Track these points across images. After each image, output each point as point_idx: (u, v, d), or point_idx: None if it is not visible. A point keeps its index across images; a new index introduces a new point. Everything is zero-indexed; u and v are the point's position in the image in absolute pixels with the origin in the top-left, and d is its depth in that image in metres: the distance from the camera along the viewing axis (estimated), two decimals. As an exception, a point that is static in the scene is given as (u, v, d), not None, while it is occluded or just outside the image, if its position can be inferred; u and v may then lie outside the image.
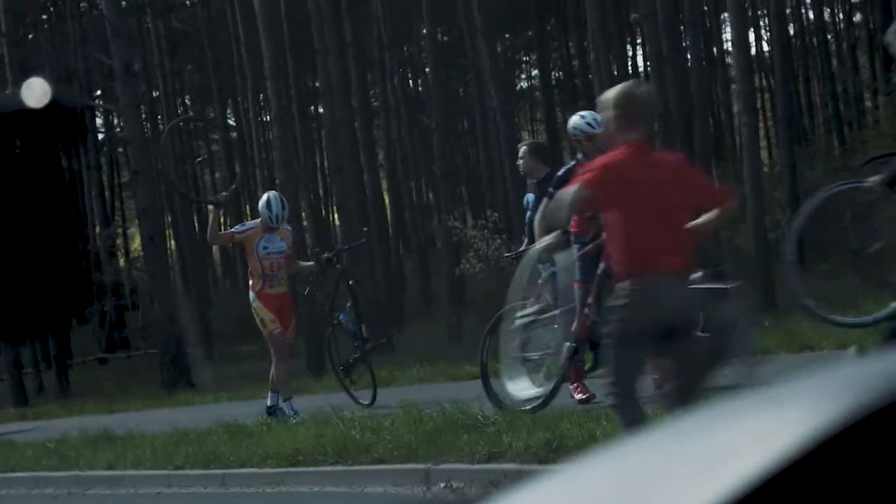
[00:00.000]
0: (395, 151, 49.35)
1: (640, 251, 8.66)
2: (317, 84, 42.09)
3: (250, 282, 16.81)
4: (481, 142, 43.01)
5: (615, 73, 36.68)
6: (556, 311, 13.32)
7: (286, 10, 36.36)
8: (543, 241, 11.96)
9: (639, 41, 53.25)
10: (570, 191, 8.80)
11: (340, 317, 17.85)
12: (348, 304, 17.75)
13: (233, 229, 17.34)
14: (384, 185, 50.30)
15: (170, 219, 46.77)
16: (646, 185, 8.60)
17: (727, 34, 51.35)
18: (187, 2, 54.00)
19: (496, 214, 35.62)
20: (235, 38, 40.44)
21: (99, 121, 52.63)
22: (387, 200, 46.58)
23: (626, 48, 51.13)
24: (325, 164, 54.06)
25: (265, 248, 16.39)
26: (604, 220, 9.69)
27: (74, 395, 36.04)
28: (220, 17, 48.61)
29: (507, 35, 56.02)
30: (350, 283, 17.84)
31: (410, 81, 55.20)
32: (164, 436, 16.79)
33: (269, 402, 16.71)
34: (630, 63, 51.87)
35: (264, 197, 16.95)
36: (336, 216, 48.04)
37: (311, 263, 18.15)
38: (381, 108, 48.01)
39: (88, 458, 16.76)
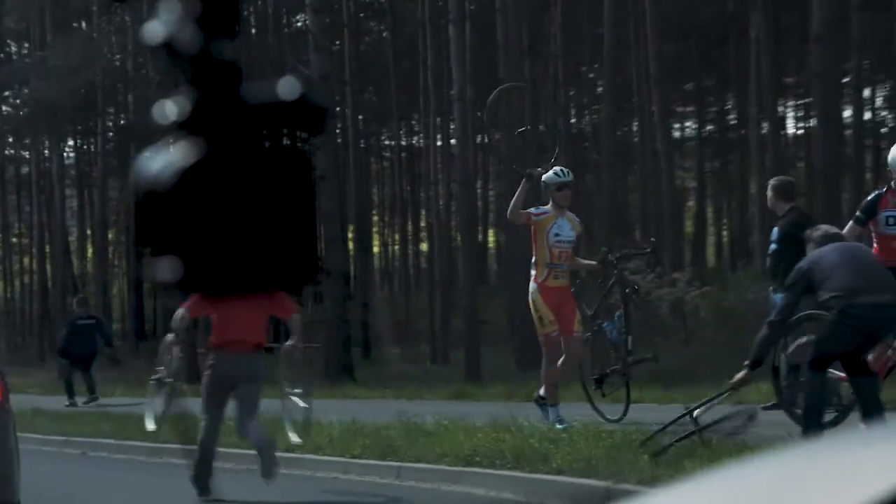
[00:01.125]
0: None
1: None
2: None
3: (533, 272, 15.04)
4: (639, 180, 42.60)
5: (769, 128, 36.26)
6: None
7: (472, 43, 36.29)
8: None
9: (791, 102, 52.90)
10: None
11: (604, 325, 16.01)
12: (617, 314, 15.92)
13: (529, 210, 15.11)
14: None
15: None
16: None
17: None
18: (382, 28, 54.23)
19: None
20: (424, 62, 40.34)
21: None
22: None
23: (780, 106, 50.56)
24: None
25: (556, 234, 14.75)
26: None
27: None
28: (407, 42, 48.57)
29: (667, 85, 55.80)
30: (626, 290, 15.96)
31: (574, 118, 54.91)
32: (342, 425, 16.56)
33: (541, 392, 15.04)
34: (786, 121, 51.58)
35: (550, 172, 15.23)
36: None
37: (593, 262, 16.43)
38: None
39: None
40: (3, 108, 52.84)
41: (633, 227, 46.64)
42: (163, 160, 0.94)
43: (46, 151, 50.49)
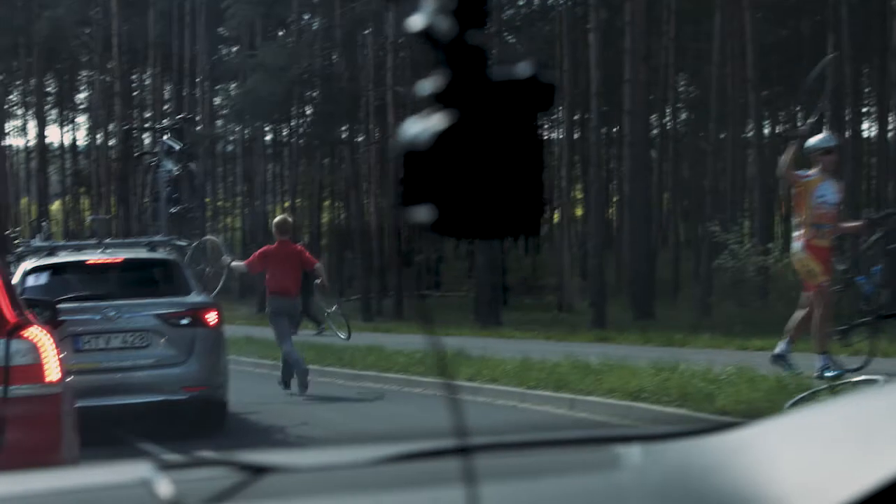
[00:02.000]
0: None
1: None
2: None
3: (796, 232, 13.47)
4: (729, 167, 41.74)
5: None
6: None
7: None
8: None
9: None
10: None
11: (858, 278, 14.53)
12: (874, 268, 14.51)
13: (797, 172, 13.53)
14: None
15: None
16: None
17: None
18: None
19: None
20: (561, 66, 40.08)
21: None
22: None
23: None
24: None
25: (821, 196, 13.11)
26: None
27: (407, 319, 36.64)
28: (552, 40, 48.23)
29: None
30: (890, 247, 14.46)
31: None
32: (515, 361, 15.94)
33: (778, 350, 13.14)
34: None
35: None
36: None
37: (858, 223, 14.93)
38: (659, 133, 47.13)
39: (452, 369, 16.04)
40: (220, 98, 54.04)
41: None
42: (421, 126, 0.99)
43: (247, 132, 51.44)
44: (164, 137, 19.95)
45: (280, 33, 48.74)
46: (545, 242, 44.70)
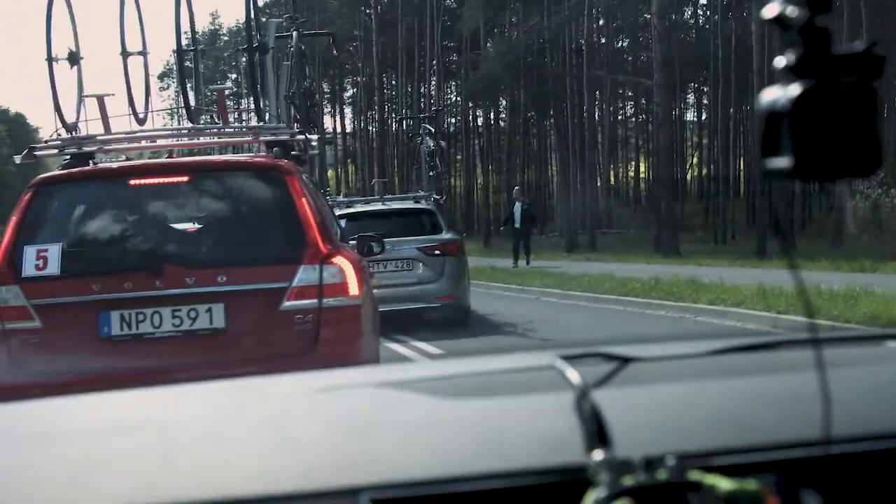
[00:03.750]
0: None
1: None
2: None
3: None
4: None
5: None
6: None
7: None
8: None
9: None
10: None
11: None
12: None
13: None
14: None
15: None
16: None
17: None
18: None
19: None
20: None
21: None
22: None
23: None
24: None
25: None
26: None
27: (599, 250, 35.93)
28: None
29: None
30: None
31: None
32: (750, 287, 13.20)
33: None
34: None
35: None
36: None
37: None
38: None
39: (691, 294, 13.85)
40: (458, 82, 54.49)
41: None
42: (780, 93, 0.98)
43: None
44: (425, 123, 21.86)
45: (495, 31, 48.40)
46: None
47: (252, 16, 7.93)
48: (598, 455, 0.96)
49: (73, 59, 6.95)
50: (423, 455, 1.04)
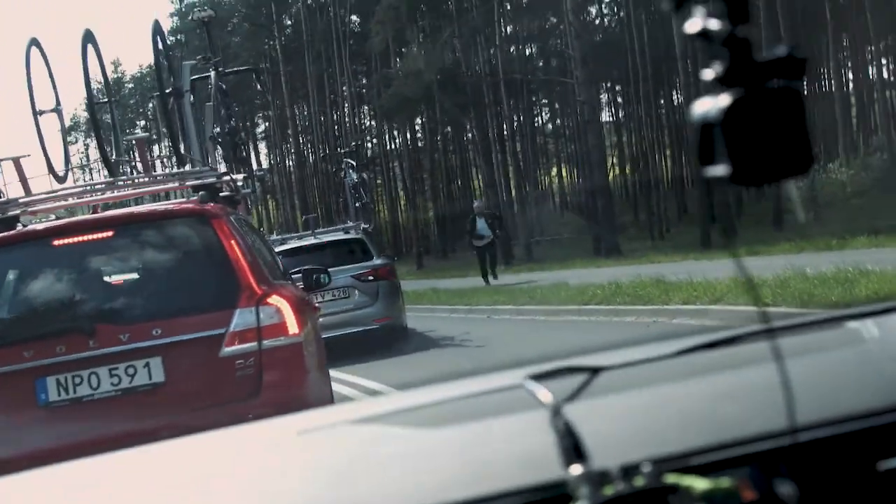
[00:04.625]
0: None
1: None
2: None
3: None
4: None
5: None
6: None
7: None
8: None
9: None
10: None
11: None
12: None
13: None
14: None
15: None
16: None
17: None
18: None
19: None
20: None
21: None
22: None
23: None
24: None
25: None
26: None
27: (537, 259, 35.63)
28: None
29: None
30: None
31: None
32: (722, 281, 12.12)
33: None
34: None
35: None
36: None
37: None
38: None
39: (660, 296, 12.87)
40: (370, 105, 54.45)
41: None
42: (710, 104, 1.05)
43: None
44: (346, 158, 23.23)
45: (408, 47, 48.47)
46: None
47: (162, 60, 7.90)
48: (576, 469, 1.00)
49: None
50: (411, 488, 1.07)
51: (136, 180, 6.98)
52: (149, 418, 5.48)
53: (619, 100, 53.84)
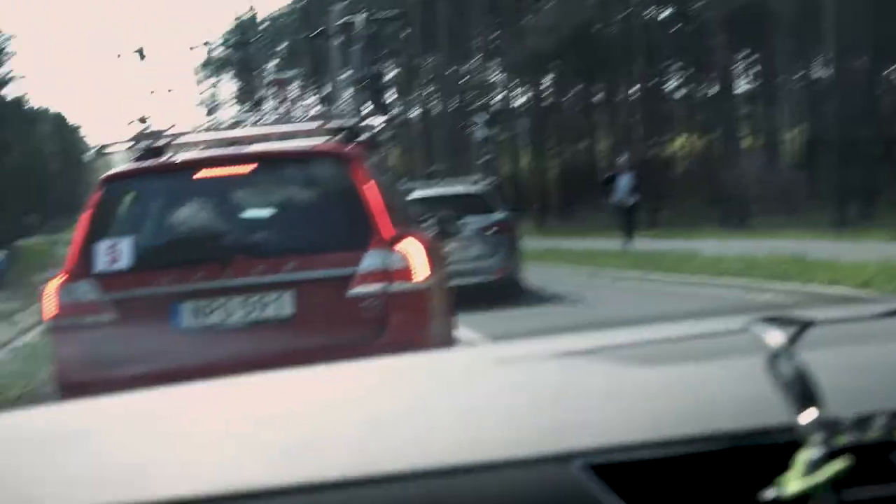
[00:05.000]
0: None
1: None
2: None
3: None
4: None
5: None
6: None
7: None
8: None
9: None
10: None
11: None
12: None
13: None
14: None
15: None
16: None
17: None
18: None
19: None
20: None
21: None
22: None
23: None
24: None
25: None
26: None
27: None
28: None
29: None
30: None
31: None
32: (867, 264, 11.63)
33: None
34: None
35: None
36: None
37: None
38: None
39: (800, 274, 12.39)
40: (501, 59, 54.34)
41: None
42: None
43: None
44: (474, 113, 23.80)
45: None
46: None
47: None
48: (808, 415, 0.96)
49: (141, 54, 7.13)
50: (626, 420, 1.02)
51: (279, 119, 7.17)
52: (274, 350, 5.66)
53: (758, 69, 52.56)
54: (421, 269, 5.92)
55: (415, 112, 62.52)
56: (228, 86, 71.20)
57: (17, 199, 65.91)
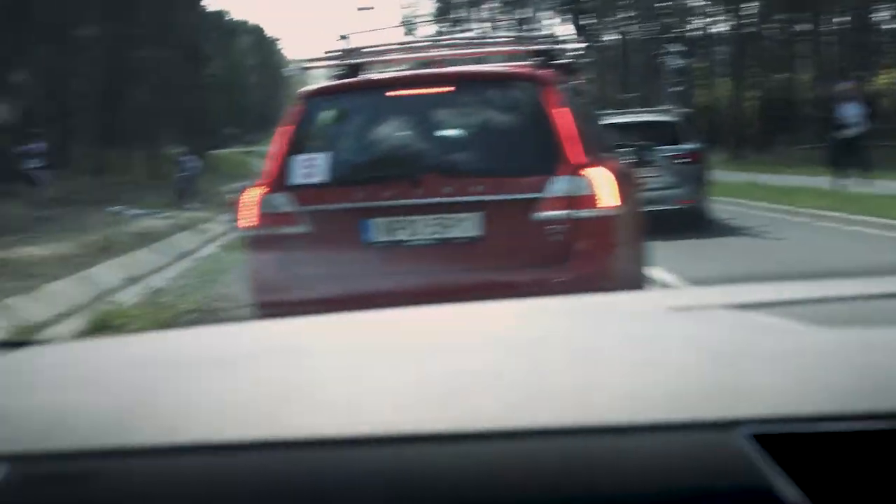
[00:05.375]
0: None
1: None
2: None
3: None
4: None
5: None
6: None
7: None
8: None
9: None
10: None
11: None
12: None
13: None
14: None
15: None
16: None
17: None
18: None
19: None
20: None
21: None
22: None
23: None
24: None
25: None
26: None
27: None
28: None
29: None
30: None
31: None
32: None
33: None
34: None
35: None
36: None
37: None
38: None
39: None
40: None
41: None
42: None
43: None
44: (669, 43, 23.57)
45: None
46: None
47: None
48: None
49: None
50: (800, 389, 0.95)
51: (477, 40, 7.23)
52: (462, 270, 5.77)
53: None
54: (608, 196, 5.91)
55: (610, 37, 61.44)
56: (428, 4, 71.66)
57: (217, 111, 68.33)
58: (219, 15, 72.92)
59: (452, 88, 6.14)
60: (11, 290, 10.58)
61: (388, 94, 6.19)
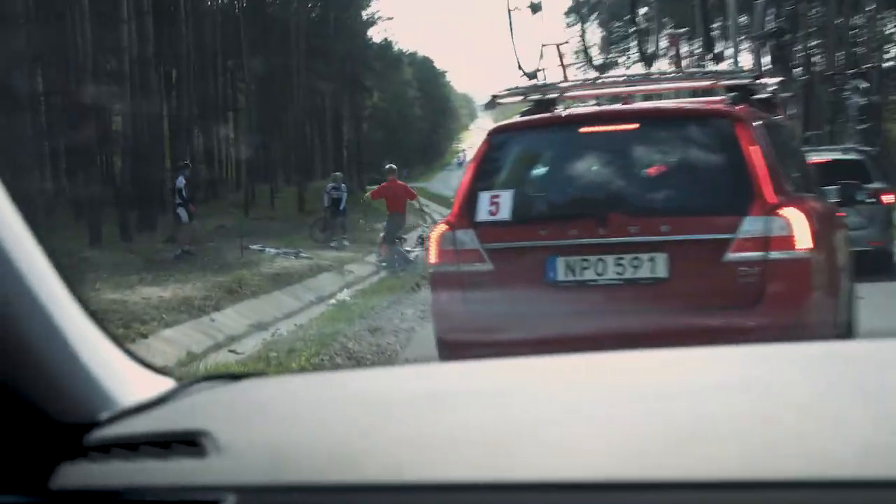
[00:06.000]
0: None
1: None
2: None
3: None
4: None
5: None
6: None
7: None
8: None
9: None
10: None
11: None
12: None
13: None
14: None
15: None
16: None
17: None
18: None
19: None
20: None
21: None
22: None
23: None
24: None
25: None
26: None
27: None
28: None
29: None
30: None
31: None
32: None
33: None
34: None
35: None
36: None
37: None
38: None
39: None
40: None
41: None
42: None
43: None
44: (853, 79, 24.35)
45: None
46: None
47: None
48: None
49: (535, 8, 7.43)
50: None
51: (670, 75, 7.23)
52: (648, 311, 5.76)
53: None
54: (802, 237, 5.82)
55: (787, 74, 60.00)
56: (595, 33, 71.33)
57: (376, 144, 69.05)
58: (386, 46, 73.89)
59: (639, 126, 6.18)
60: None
61: (575, 131, 6.25)
